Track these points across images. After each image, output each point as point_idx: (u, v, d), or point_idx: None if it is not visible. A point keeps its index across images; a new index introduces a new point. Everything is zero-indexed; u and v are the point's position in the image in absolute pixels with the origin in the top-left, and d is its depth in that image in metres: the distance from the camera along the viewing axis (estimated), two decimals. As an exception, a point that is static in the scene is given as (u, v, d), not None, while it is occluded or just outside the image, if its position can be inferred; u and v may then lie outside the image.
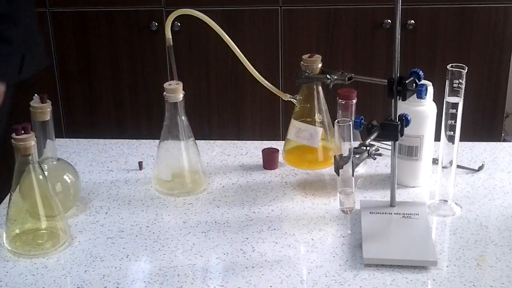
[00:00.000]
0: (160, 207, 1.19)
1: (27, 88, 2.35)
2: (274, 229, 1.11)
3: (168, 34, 1.21)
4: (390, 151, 1.13)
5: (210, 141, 1.44)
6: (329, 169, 1.25)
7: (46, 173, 1.08)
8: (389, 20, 2.19)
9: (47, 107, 1.10)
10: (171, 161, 1.23)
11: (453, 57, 2.20)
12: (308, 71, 1.20)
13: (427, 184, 1.23)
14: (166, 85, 1.18)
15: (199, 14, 1.20)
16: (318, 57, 1.21)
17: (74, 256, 1.05)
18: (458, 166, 1.26)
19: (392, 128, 1.07)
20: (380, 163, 1.31)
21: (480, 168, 1.30)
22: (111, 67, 2.34)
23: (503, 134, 2.44)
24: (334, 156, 1.01)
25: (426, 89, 1.07)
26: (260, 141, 1.42)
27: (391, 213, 1.12)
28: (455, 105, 1.07)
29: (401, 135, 1.08)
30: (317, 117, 1.23)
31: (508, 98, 2.34)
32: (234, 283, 0.98)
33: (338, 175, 1.02)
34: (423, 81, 1.07)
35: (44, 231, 1.08)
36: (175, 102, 1.19)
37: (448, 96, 1.08)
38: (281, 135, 2.31)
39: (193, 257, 1.05)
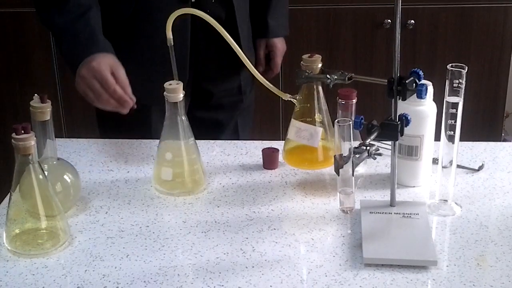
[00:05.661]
0: (160, 207, 1.19)
1: (27, 88, 2.36)
2: (274, 229, 1.11)
3: (169, 34, 1.21)
4: (390, 151, 1.13)
5: (210, 141, 1.44)
6: (329, 169, 1.25)
7: (46, 173, 1.08)
8: (389, 20, 2.19)
9: (47, 107, 1.10)
10: (171, 161, 1.23)
11: (453, 57, 2.20)
12: (308, 71, 1.20)
13: (427, 184, 1.23)
14: (166, 85, 1.18)
15: (199, 13, 1.20)
16: (318, 57, 1.21)
17: (74, 256, 1.05)
18: (458, 166, 1.26)
19: (392, 128, 1.07)
20: (380, 163, 1.31)
21: (480, 168, 1.29)
22: (111, 67, 2.33)
23: (503, 134, 2.44)
24: (334, 156, 1.01)
25: (426, 89, 1.07)
26: (260, 141, 1.41)
27: (391, 213, 1.12)
28: (455, 105, 1.07)
29: (401, 135, 1.08)
30: (317, 117, 1.23)
31: (508, 98, 2.34)
32: (234, 283, 0.98)
33: (338, 175, 1.02)
34: (423, 81, 1.07)
35: (44, 231, 1.08)
36: (175, 102, 1.19)
37: (448, 96, 1.07)
38: (281, 135, 2.31)
39: (193, 257, 1.05)
